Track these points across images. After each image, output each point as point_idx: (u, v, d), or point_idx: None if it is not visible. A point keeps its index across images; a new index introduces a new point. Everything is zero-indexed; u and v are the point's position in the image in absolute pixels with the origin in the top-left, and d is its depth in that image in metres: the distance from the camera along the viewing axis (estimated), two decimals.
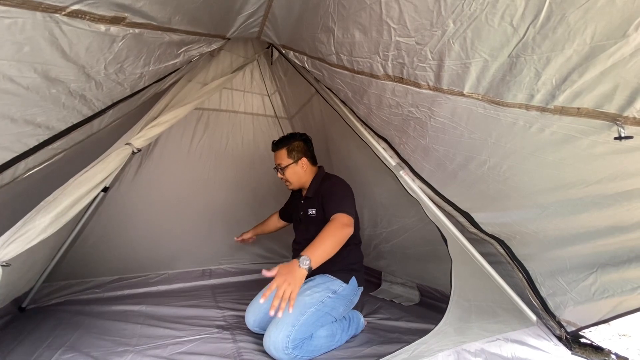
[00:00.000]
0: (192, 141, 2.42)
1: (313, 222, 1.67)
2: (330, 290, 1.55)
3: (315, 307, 1.48)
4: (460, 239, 1.55)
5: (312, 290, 1.53)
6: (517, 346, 1.40)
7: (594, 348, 1.51)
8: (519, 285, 1.59)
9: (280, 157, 1.76)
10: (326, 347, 1.50)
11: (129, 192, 2.25)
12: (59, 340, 1.52)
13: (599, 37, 0.79)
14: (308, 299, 1.48)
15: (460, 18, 0.93)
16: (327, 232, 1.37)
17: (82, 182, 1.15)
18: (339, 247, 1.38)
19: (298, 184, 1.78)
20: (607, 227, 1.19)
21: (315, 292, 1.52)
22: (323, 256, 1.32)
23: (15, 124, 0.93)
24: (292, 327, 1.38)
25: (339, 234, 1.39)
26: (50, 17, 0.79)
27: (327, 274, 1.62)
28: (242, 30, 1.57)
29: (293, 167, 1.74)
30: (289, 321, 1.38)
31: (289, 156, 1.74)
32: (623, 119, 0.89)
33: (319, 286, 1.56)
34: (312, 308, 1.47)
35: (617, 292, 1.27)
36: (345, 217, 1.45)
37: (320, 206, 1.64)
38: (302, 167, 1.75)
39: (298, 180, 1.77)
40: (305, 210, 1.73)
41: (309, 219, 1.71)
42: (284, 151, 1.75)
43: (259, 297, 1.69)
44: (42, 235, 1.04)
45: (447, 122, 1.26)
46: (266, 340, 1.39)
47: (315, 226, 1.60)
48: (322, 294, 1.52)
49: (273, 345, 1.35)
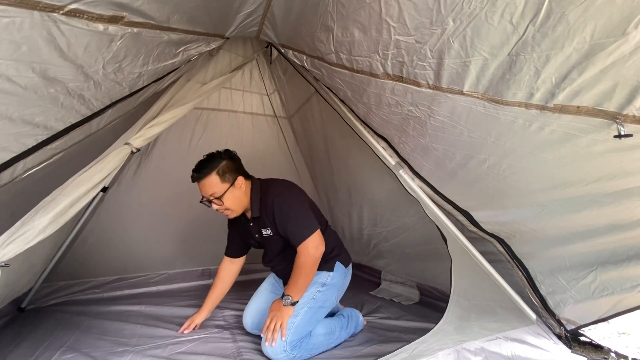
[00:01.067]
0: (191, 141, 2.42)
1: (273, 241, 1.55)
2: (318, 284, 1.52)
3: (307, 305, 1.46)
4: (460, 237, 1.55)
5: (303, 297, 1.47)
6: (516, 345, 1.40)
7: (593, 346, 1.51)
8: (519, 283, 1.59)
9: (210, 186, 1.45)
10: (325, 345, 1.50)
11: (128, 192, 2.25)
12: (59, 341, 1.51)
13: (599, 35, 0.79)
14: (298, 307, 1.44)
15: (460, 16, 0.93)
16: (300, 270, 1.42)
17: (81, 182, 1.15)
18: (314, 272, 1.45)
19: (240, 208, 1.52)
20: (606, 225, 1.19)
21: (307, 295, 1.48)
22: (303, 289, 1.44)
23: (13, 124, 0.93)
24: (288, 331, 1.38)
25: (310, 266, 1.43)
26: (48, 16, 0.78)
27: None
28: (241, 29, 1.57)
29: (232, 191, 1.47)
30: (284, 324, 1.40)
31: (223, 180, 1.46)
32: (623, 117, 0.89)
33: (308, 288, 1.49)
34: (305, 307, 1.45)
35: (616, 290, 1.27)
36: (310, 244, 1.42)
37: (273, 224, 1.50)
38: (240, 188, 1.50)
39: (240, 205, 1.51)
40: (259, 232, 1.56)
41: (267, 239, 1.57)
42: (214, 177, 1.45)
43: (255, 299, 1.71)
44: (41, 236, 1.03)
45: (446, 121, 1.26)
46: (264, 345, 1.40)
47: (277, 243, 1.55)
48: (311, 290, 1.49)
49: (271, 350, 1.37)
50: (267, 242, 1.60)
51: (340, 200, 2.54)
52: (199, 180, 1.48)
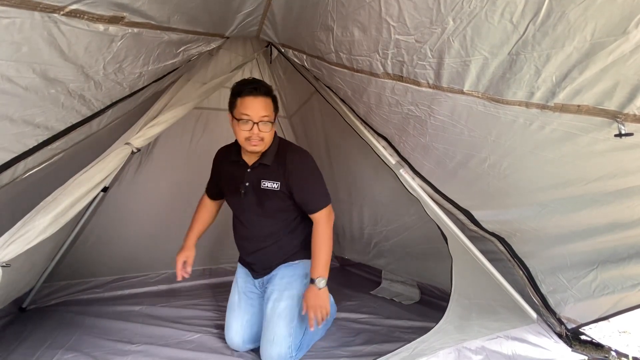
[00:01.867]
0: (191, 141, 2.41)
1: (271, 197, 1.41)
2: (302, 275, 1.47)
3: (299, 305, 1.42)
4: (461, 236, 1.55)
5: (288, 292, 1.43)
6: (517, 343, 1.40)
7: (594, 345, 1.51)
8: (520, 282, 1.59)
9: (268, 107, 1.34)
10: (318, 335, 1.52)
11: (128, 191, 2.25)
12: (60, 341, 1.52)
13: (599, 34, 0.79)
14: (289, 302, 1.41)
15: (460, 15, 0.93)
16: (323, 242, 1.37)
17: (82, 182, 1.15)
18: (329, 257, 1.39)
19: (267, 146, 1.40)
20: (607, 224, 1.19)
21: (291, 292, 1.43)
22: (328, 263, 1.38)
23: (14, 125, 0.93)
24: (290, 337, 1.37)
25: (329, 238, 1.39)
26: (48, 17, 0.78)
27: (289, 262, 1.50)
28: (241, 29, 1.57)
29: (272, 125, 1.37)
30: (284, 333, 1.36)
31: (275, 110, 1.38)
32: (623, 116, 0.89)
33: (291, 283, 1.45)
34: (297, 308, 1.42)
35: (617, 289, 1.27)
36: (329, 213, 1.39)
37: (285, 178, 1.38)
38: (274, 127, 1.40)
39: (270, 141, 1.40)
40: (257, 181, 1.41)
41: (264, 192, 1.41)
42: (271, 101, 1.36)
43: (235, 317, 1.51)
44: (42, 236, 1.04)
45: (446, 120, 1.26)
46: (264, 355, 1.37)
47: (275, 201, 1.41)
48: (297, 287, 1.44)
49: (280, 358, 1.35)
50: (261, 195, 1.42)
51: (341, 199, 2.54)
52: (261, 96, 1.33)
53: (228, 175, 1.53)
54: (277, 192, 1.41)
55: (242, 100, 1.35)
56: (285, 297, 1.42)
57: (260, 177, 1.43)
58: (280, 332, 1.36)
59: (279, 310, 1.40)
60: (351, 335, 1.66)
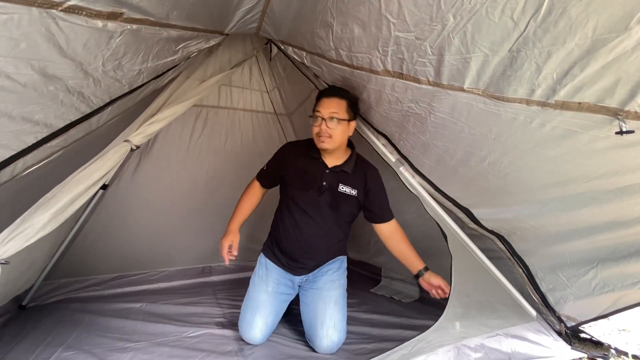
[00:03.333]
0: (191, 138, 2.41)
1: (347, 201, 1.53)
2: (343, 270, 1.69)
3: (343, 294, 1.61)
4: (460, 235, 1.55)
5: (338, 282, 1.62)
6: (516, 341, 1.40)
7: (593, 343, 1.51)
8: (519, 280, 1.59)
9: (340, 107, 1.46)
10: None
11: (128, 189, 2.25)
12: (60, 338, 1.52)
13: (601, 31, 0.79)
14: (340, 291, 1.60)
15: (461, 12, 0.92)
16: (408, 242, 1.60)
17: (81, 179, 1.15)
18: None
19: (338, 143, 1.49)
20: (607, 222, 1.19)
21: (340, 282, 1.63)
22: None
23: (13, 122, 0.92)
24: (345, 322, 1.54)
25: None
26: (46, 13, 0.78)
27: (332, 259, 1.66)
28: (241, 26, 1.56)
29: (345, 125, 1.48)
30: (342, 318, 1.54)
31: (347, 111, 1.48)
32: (624, 113, 0.88)
33: (338, 275, 1.64)
34: (345, 296, 1.61)
35: (617, 287, 1.27)
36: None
37: (363, 189, 1.54)
38: (350, 130, 1.51)
39: (340, 140, 1.49)
40: (335, 184, 1.51)
41: (342, 196, 1.52)
42: (345, 103, 1.48)
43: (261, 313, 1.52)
44: (41, 233, 1.03)
45: (447, 118, 1.26)
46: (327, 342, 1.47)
47: (349, 206, 1.54)
48: (342, 279, 1.65)
49: (337, 345, 1.49)
50: (338, 199, 1.53)
51: None
52: (334, 98, 1.47)
53: (302, 170, 1.57)
54: (353, 198, 1.54)
55: (318, 101, 1.51)
56: (336, 287, 1.58)
57: (338, 181, 1.53)
58: (339, 317, 1.52)
59: (335, 298, 1.55)
60: (351, 333, 1.67)
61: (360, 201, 1.55)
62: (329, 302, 1.53)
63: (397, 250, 1.59)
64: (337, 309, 1.53)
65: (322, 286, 1.56)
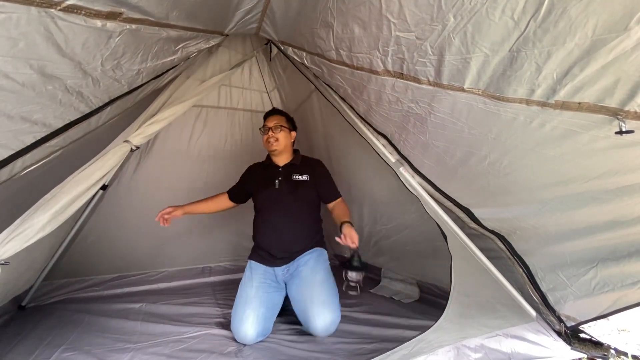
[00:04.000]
0: (190, 138, 2.41)
1: (302, 185, 1.81)
2: (324, 258, 1.80)
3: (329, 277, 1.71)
4: (460, 235, 1.55)
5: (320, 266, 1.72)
6: (516, 342, 1.40)
7: (593, 343, 1.51)
8: (519, 280, 1.59)
9: (280, 120, 1.88)
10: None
11: (128, 189, 2.25)
12: (59, 339, 1.52)
13: (601, 31, 0.79)
14: (324, 274, 1.70)
15: (461, 12, 0.92)
16: (347, 208, 1.84)
17: (81, 179, 1.15)
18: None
19: (282, 147, 1.85)
20: (607, 222, 1.18)
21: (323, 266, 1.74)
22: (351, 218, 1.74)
23: (11, 121, 0.92)
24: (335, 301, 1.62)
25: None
26: (45, 12, 0.77)
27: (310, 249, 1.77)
28: (241, 26, 1.56)
29: (287, 132, 1.88)
30: (332, 295, 1.62)
31: (287, 124, 1.90)
32: (624, 113, 0.88)
33: (318, 263, 1.73)
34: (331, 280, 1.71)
35: (617, 287, 1.27)
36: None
37: (313, 174, 1.85)
38: (291, 138, 1.92)
39: (284, 145, 1.86)
40: (289, 175, 1.84)
41: (297, 183, 1.81)
42: (284, 118, 1.91)
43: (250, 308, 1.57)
44: (41, 233, 1.03)
45: (447, 118, 1.26)
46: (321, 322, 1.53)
47: (305, 189, 1.82)
48: (324, 265, 1.75)
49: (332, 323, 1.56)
50: (293, 186, 1.80)
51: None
52: (274, 115, 1.90)
53: (261, 177, 1.89)
54: (307, 182, 1.82)
55: (265, 120, 1.92)
56: (318, 272, 1.68)
57: (291, 172, 1.84)
58: (327, 295, 1.60)
59: (320, 280, 1.65)
60: (351, 333, 1.66)
61: (313, 184, 1.83)
62: (314, 284, 1.63)
63: (335, 215, 1.81)
64: (324, 288, 1.63)
65: (305, 275, 1.67)
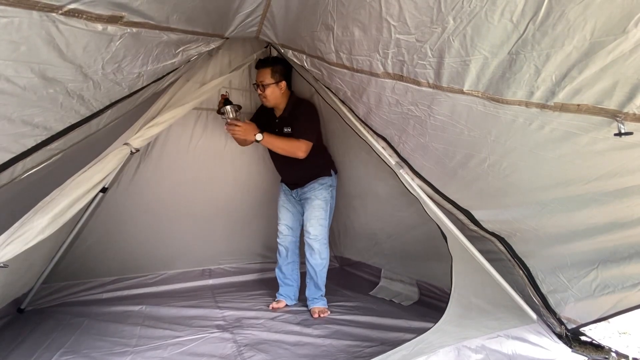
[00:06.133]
0: (190, 141, 2.41)
1: (289, 137, 1.96)
2: (326, 185, 2.06)
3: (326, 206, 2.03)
4: (460, 237, 1.55)
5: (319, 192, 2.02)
6: (517, 343, 1.40)
7: (594, 346, 1.51)
8: (520, 282, 1.59)
9: (263, 76, 1.93)
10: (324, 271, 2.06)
11: (127, 192, 2.24)
12: (58, 342, 1.51)
13: (599, 33, 0.79)
14: (320, 202, 2.01)
15: (460, 15, 0.93)
16: (287, 141, 1.91)
17: (80, 182, 1.15)
18: (281, 152, 1.92)
19: (274, 102, 1.99)
20: (607, 223, 1.19)
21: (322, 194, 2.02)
22: (273, 142, 1.90)
23: (12, 125, 0.92)
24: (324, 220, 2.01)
25: (290, 149, 1.90)
26: (46, 16, 0.78)
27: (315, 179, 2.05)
28: (241, 29, 1.57)
29: (273, 87, 1.94)
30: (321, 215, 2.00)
31: (272, 77, 1.92)
32: (623, 115, 0.89)
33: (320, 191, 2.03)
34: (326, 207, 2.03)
35: (617, 289, 1.27)
36: (304, 145, 1.90)
37: (294, 122, 1.98)
38: (280, 89, 1.96)
39: (275, 100, 1.98)
40: (281, 128, 2.00)
41: (286, 135, 1.97)
42: (268, 71, 1.92)
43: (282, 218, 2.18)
44: (40, 236, 1.03)
45: (446, 120, 1.26)
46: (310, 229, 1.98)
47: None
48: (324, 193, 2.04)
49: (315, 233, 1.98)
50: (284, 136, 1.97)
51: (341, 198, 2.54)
52: (260, 70, 1.95)
53: (265, 122, 2.06)
54: (291, 133, 1.98)
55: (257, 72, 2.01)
56: (316, 197, 2.02)
57: (282, 125, 2.01)
58: (320, 212, 2.00)
59: (314, 204, 2.01)
60: (350, 336, 1.66)
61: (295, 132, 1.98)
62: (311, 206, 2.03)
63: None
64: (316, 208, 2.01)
65: (306, 200, 2.07)
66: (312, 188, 2.06)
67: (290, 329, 1.74)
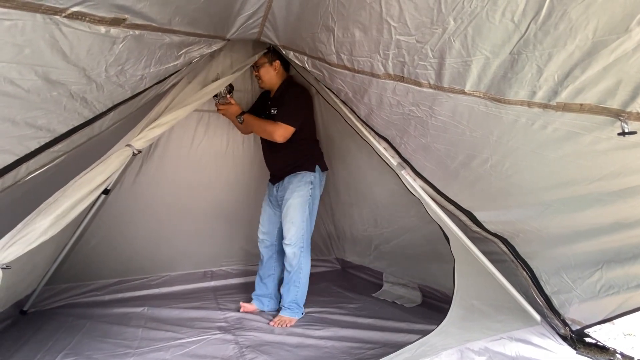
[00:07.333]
0: (192, 142, 2.41)
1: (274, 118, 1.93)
2: (306, 182, 1.92)
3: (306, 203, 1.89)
4: (463, 238, 1.54)
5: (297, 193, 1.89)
6: (521, 345, 1.39)
7: (598, 347, 1.49)
8: (523, 283, 1.58)
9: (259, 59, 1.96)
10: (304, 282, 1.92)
11: (129, 194, 2.25)
12: (60, 344, 1.51)
13: (601, 33, 0.79)
14: (298, 200, 1.88)
15: (461, 15, 0.93)
16: (265, 123, 1.90)
17: (83, 183, 1.15)
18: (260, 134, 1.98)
19: (269, 83, 2.00)
20: (611, 223, 1.18)
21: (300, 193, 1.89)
22: (252, 123, 1.95)
23: (16, 127, 0.93)
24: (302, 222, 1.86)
25: (266, 130, 1.89)
26: (50, 19, 0.78)
27: (294, 172, 1.93)
28: (242, 31, 1.57)
29: (267, 67, 1.95)
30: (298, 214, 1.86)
31: (265, 55, 1.96)
32: (626, 114, 0.88)
33: (299, 187, 1.90)
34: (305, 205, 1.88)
35: (622, 289, 1.26)
36: (281, 129, 1.84)
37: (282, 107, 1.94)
38: (274, 69, 1.96)
39: (269, 80, 1.98)
40: (270, 109, 1.97)
41: (271, 116, 1.94)
42: (261, 55, 1.97)
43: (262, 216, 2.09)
44: (43, 238, 1.04)
45: (448, 121, 1.26)
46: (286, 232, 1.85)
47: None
48: (303, 190, 1.90)
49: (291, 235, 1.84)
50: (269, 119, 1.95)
51: (341, 200, 2.54)
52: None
53: (260, 105, 2.12)
54: (275, 115, 1.91)
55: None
56: (295, 197, 1.88)
57: (272, 107, 1.97)
58: (295, 214, 1.85)
59: (289, 204, 1.88)
60: (353, 338, 1.65)
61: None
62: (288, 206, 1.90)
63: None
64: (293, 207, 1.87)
65: (284, 197, 1.94)
66: (290, 182, 1.92)
67: (292, 331, 1.74)
